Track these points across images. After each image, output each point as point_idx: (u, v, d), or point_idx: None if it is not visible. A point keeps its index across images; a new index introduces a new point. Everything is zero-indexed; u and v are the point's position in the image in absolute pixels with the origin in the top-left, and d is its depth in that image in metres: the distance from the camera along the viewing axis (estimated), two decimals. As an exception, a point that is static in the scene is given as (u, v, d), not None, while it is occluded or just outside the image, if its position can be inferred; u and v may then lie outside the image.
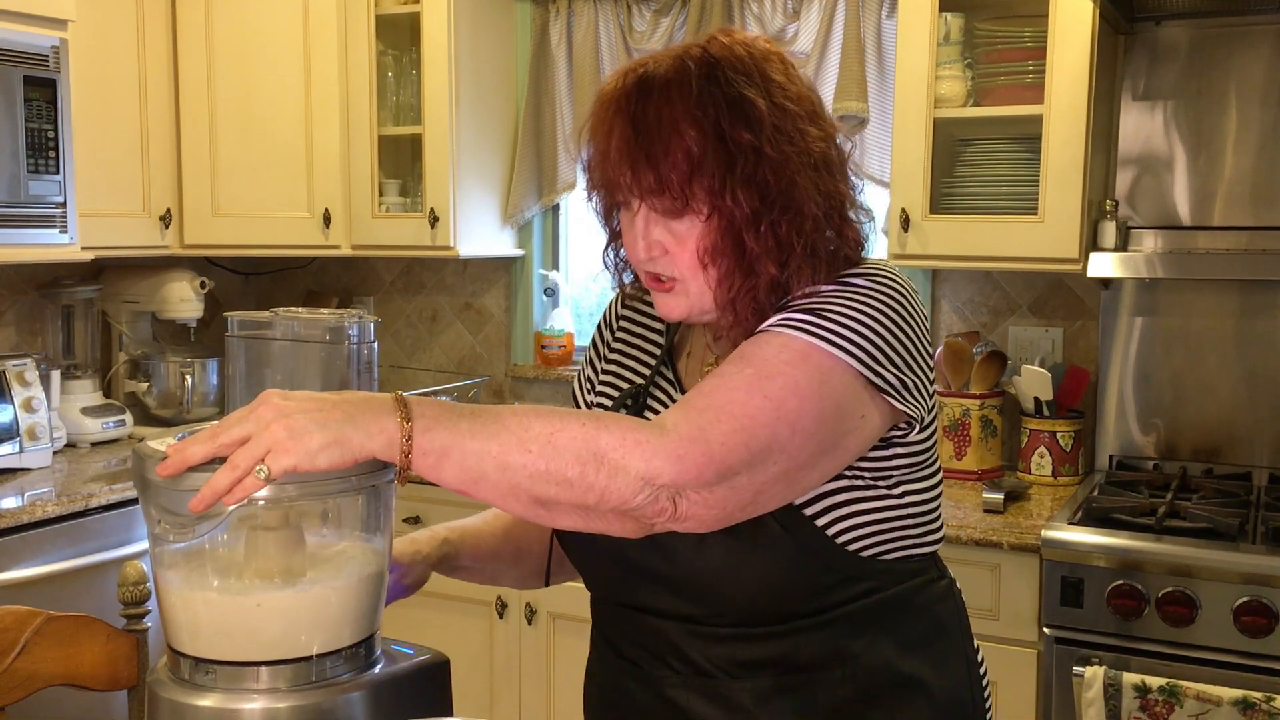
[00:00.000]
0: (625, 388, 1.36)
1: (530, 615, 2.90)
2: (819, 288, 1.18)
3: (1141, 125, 2.80)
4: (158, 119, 3.18)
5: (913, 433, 1.22)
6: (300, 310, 2.98)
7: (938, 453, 1.29)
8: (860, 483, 1.21)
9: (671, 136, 1.16)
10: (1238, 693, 2.08)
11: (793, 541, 1.18)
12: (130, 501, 2.71)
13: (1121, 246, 2.69)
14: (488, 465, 1.03)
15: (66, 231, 2.81)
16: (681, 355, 1.36)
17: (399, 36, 3.30)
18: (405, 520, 2.97)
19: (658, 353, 1.37)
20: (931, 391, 1.23)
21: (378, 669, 1.15)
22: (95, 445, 3.15)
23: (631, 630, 1.29)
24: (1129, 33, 2.78)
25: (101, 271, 3.35)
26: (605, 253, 1.34)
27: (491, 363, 3.64)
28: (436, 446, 1.02)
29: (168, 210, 3.22)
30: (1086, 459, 2.84)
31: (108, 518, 2.68)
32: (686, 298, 1.23)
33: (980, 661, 1.35)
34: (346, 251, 3.34)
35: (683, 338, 1.37)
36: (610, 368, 1.40)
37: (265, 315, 2.94)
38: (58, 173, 2.78)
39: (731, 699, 1.23)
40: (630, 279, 1.35)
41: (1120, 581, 2.23)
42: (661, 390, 1.34)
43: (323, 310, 3.04)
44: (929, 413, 1.22)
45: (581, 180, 1.30)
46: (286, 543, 1.11)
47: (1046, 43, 2.56)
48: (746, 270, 1.18)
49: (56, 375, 3.07)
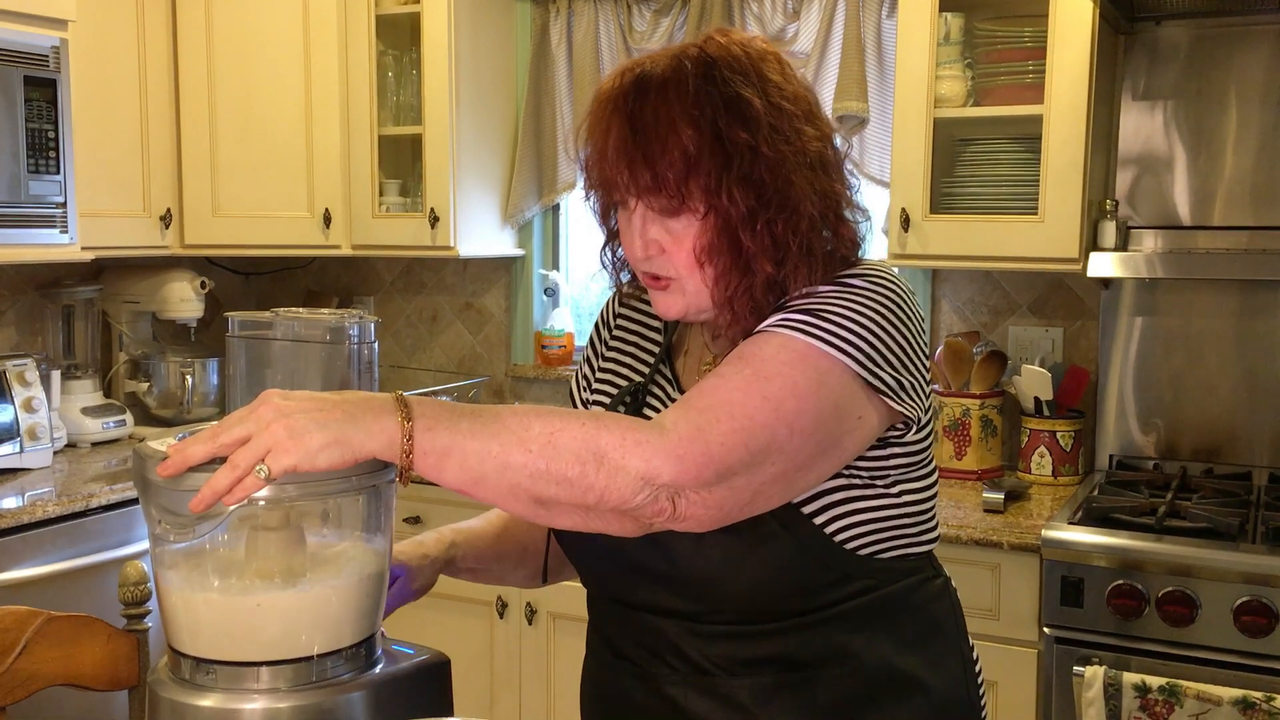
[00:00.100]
0: (623, 386, 1.36)
1: (531, 615, 2.90)
2: (816, 288, 1.19)
3: (1141, 125, 2.80)
4: (158, 119, 3.18)
5: (910, 433, 1.22)
6: (300, 310, 2.98)
7: (934, 453, 1.29)
8: (858, 482, 1.21)
9: (668, 135, 1.16)
10: (1238, 692, 2.08)
11: (791, 540, 1.18)
12: (130, 501, 2.71)
13: (1121, 246, 2.69)
14: (488, 465, 1.03)
15: (67, 231, 2.81)
16: (679, 354, 1.36)
17: (399, 36, 3.30)
18: (405, 520, 2.97)
19: (656, 351, 1.37)
20: (928, 392, 1.23)
21: (378, 669, 1.15)
22: (95, 445, 3.15)
23: (629, 628, 1.29)
24: (1129, 33, 2.78)
25: (102, 271, 3.35)
26: (603, 252, 1.35)
27: (491, 363, 3.64)
28: (437, 446, 1.02)
29: (168, 210, 3.22)
30: (1086, 459, 2.84)
31: (108, 518, 2.68)
32: (683, 296, 1.23)
33: (975, 660, 1.35)
34: (346, 251, 3.34)
35: (680, 336, 1.37)
36: (608, 366, 1.40)
37: (266, 315, 2.94)
38: (58, 173, 2.78)
39: (730, 697, 1.24)
40: (628, 278, 1.35)
41: (1120, 581, 2.23)
42: (659, 389, 1.34)
43: (323, 310, 3.04)
44: (925, 413, 1.23)
45: (581, 180, 1.30)
46: (287, 543, 1.11)
47: (1046, 43, 2.56)
48: (743, 269, 1.18)
49: (57, 375, 3.07)
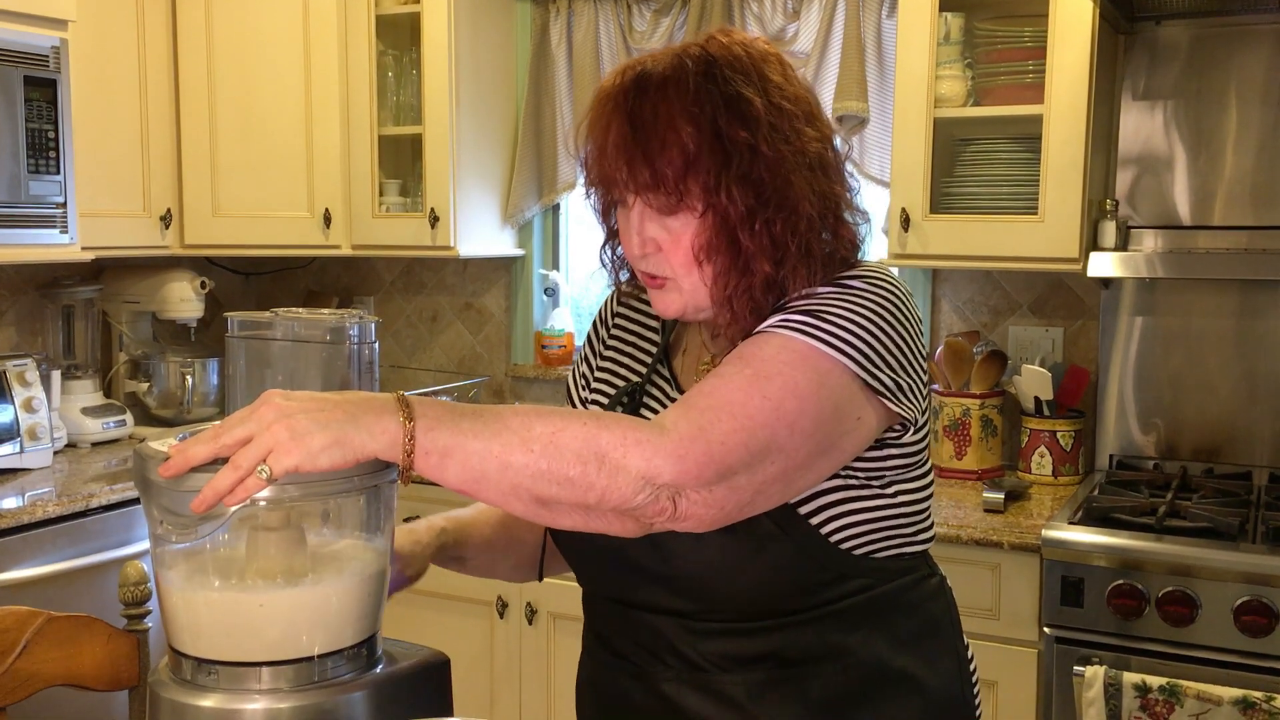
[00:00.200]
0: (621, 385, 1.36)
1: (531, 615, 2.90)
2: (816, 289, 1.19)
3: (1141, 125, 2.80)
4: (158, 119, 3.18)
5: (907, 434, 1.22)
6: (300, 310, 2.97)
7: (929, 453, 1.29)
8: (854, 483, 1.21)
9: (668, 132, 1.16)
10: (1238, 692, 2.08)
11: (788, 540, 1.19)
12: (131, 501, 2.71)
13: (1121, 246, 2.69)
14: (490, 465, 1.03)
15: (67, 231, 2.81)
16: (678, 353, 1.36)
17: (399, 36, 3.30)
18: (405, 520, 2.96)
19: (654, 350, 1.37)
20: (925, 393, 1.23)
21: (379, 669, 1.15)
22: (96, 445, 3.15)
23: (625, 626, 1.29)
24: (1129, 32, 2.78)
25: (102, 271, 3.35)
26: (603, 250, 1.35)
27: (492, 363, 3.64)
28: (439, 446, 1.02)
29: (168, 210, 3.22)
30: (1087, 459, 2.84)
31: (108, 518, 2.68)
32: (680, 294, 1.23)
33: (970, 658, 1.35)
34: (347, 251, 3.34)
35: (679, 336, 1.37)
36: (606, 364, 1.40)
37: (266, 315, 2.93)
38: (58, 173, 2.78)
39: (724, 693, 1.24)
40: (627, 276, 1.35)
41: (1120, 581, 2.23)
42: (657, 388, 1.34)
43: (323, 310, 3.03)
44: (923, 415, 1.23)
45: (581, 180, 1.30)
46: (288, 543, 1.11)
47: (1046, 42, 2.56)
48: (742, 268, 1.19)
49: (57, 375, 3.07)
